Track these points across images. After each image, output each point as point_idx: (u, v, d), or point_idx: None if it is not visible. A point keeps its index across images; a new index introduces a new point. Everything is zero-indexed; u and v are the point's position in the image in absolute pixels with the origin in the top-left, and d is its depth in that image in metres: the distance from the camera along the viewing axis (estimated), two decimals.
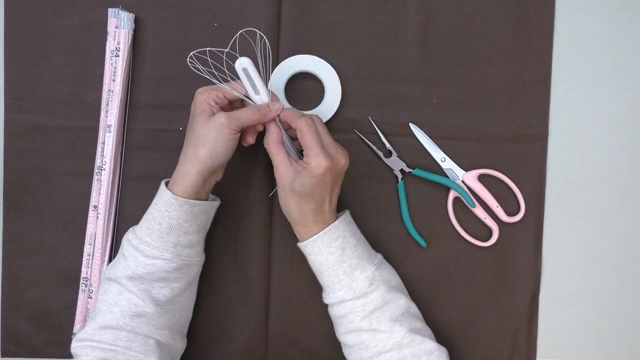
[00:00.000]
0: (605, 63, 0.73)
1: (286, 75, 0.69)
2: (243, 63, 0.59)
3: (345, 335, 0.62)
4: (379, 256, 0.65)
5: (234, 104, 0.63)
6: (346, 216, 0.64)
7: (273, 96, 0.61)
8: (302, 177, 0.58)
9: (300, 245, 0.63)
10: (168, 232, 0.59)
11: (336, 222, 0.62)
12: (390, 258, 0.67)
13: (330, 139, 0.61)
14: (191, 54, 0.61)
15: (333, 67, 0.69)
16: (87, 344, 0.58)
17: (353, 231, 0.64)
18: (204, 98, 0.59)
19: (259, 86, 0.60)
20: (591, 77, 0.73)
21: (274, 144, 0.60)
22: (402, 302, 0.62)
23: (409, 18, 0.70)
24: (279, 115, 0.61)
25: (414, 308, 0.64)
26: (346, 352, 0.64)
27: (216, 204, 0.64)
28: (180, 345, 0.64)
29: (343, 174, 0.61)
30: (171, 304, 0.61)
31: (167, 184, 0.61)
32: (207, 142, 0.58)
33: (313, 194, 0.59)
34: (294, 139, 0.63)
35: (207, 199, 0.62)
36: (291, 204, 0.61)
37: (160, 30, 0.69)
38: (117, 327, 0.58)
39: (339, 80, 0.69)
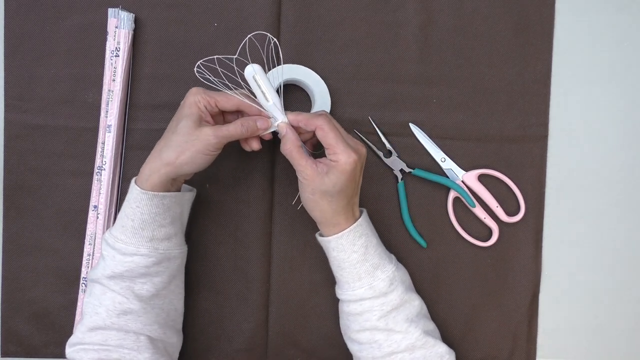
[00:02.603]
0: (605, 63, 0.73)
1: (275, 85, 0.67)
2: (255, 69, 0.57)
3: (359, 333, 0.62)
4: (393, 256, 0.65)
5: (227, 114, 0.62)
6: (366, 214, 0.64)
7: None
8: (332, 176, 0.57)
9: (322, 240, 0.62)
10: (142, 228, 0.58)
11: (360, 219, 0.61)
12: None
13: (344, 132, 0.59)
14: (199, 62, 0.59)
15: (333, 67, 0.69)
16: (80, 347, 0.58)
17: (373, 229, 0.63)
18: (195, 100, 0.58)
19: (268, 94, 0.58)
20: (591, 77, 0.73)
21: (294, 149, 0.58)
22: (417, 302, 0.63)
23: (409, 18, 0.70)
24: (290, 122, 0.59)
25: (425, 308, 0.64)
26: (355, 349, 0.63)
27: (190, 195, 0.63)
28: (175, 340, 0.64)
29: (363, 166, 0.61)
30: (156, 298, 0.61)
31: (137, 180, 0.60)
32: (188, 151, 0.57)
33: (345, 190, 0.58)
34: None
35: (177, 191, 0.61)
36: (323, 205, 0.59)
37: (160, 30, 0.69)
38: (105, 327, 0.58)
39: (328, 92, 0.68)
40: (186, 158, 0.57)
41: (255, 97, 0.59)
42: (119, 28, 0.67)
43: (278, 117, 0.59)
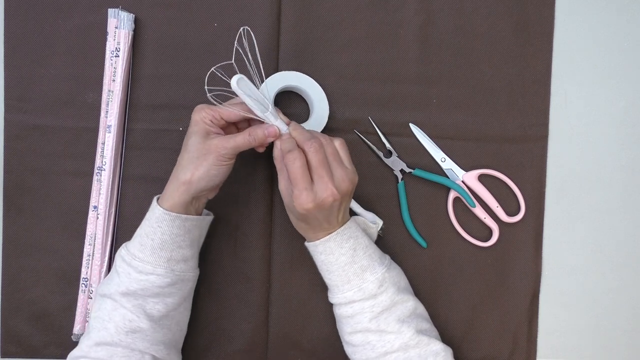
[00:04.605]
0: (605, 63, 0.73)
1: (272, 92, 0.67)
2: (233, 88, 0.56)
3: (352, 335, 0.62)
4: (388, 257, 0.65)
5: (238, 124, 0.62)
6: (357, 218, 0.64)
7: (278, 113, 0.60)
8: (292, 208, 0.58)
9: (309, 244, 0.62)
10: (161, 248, 0.58)
11: (349, 222, 0.61)
12: (391, 258, 0.67)
13: (324, 171, 0.56)
14: (206, 78, 0.57)
15: (333, 67, 0.69)
16: None
17: (363, 234, 0.63)
18: (200, 117, 0.58)
19: (260, 102, 0.58)
20: (591, 77, 0.73)
21: (278, 160, 0.59)
22: (410, 303, 0.62)
23: (409, 18, 0.70)
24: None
25: (420, 308, 0.64)
26: (350, 351, 0.64)
27: (209, 219, 0.64)
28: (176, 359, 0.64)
29: (343, 200, 0.58)
30: (166, 319, 0.60)
31: (158, 199, 0.60)
32: (201, 166, 0.57)
33: (306, 221, 0.59)
34: None
35: (199, 214, 0.62)
36: (292, 220, 0.62)
37: (160, 30, 0.69)
38: (112, 344, 0.58)
39: (326, 99, 0.68)
40: (201, 173, 0.57)
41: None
42: (119, 28, 0.67)
43: (274, 122, 0.59)
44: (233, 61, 0.59)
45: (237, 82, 0.56)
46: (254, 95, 0.58)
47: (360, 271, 0.61)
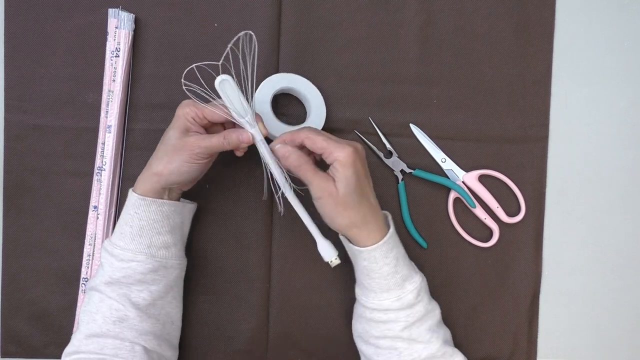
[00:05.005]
0: (605, 63, 0.73)
1: (270, 93, 0.67)
2: (222, 85, 0.56)
3: (379, 339, 0.61)
4: (413, 262, 0.64)
5: (225, 124, 0.62)
6: (392, 221, 0.63)
7: (257, 117, 0.59)
8: (340, 178, 0.56)
9: (353, 248, 0.60)
10: (140, 234, 0.59)
11: (391, 230, 0.60)
12: None
13: (334, 138, 0.58)
14: (184, 73, 0.57)
15: (333, 67, 0.69)
16: (76, 356, 0.58)
17: (398, 237, 0.63)
18: (184, 113, 0.58)
19: (240, 107, 0.57)
20: (591, 77, 0.73)
21: (302, 166, 0.57)
22: (437, 311, 0.63)
23: (409, 18, 0.70)
24: (272, 148, 0.59)
25: (440, 313, 0.64)
26: (370, 352, 0.63)
27: (190, 206, 0.64)
28: (170, 354, 0.64)
29: (366, 162, 0.59)
30: (153, 308, 0.61)
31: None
32: (174, 161, 0.58)
33: (360, 187, 0.57)
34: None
35: (176, 200, 0.62)
36: (350, 214, 0.57)
37: (160, 30, 0.69)
38: (101, 334, 0.58)
39: (323, 102, 0.68)
40: (172, 167, 0.58)
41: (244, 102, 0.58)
42: (119, 28, 0.67)
43: (250, 129, 0.58)
44: (220, 62, 0.57)
45: (220, 83, 0.56)
46: (235, 99, 0.57)
47: (401, 281, 0.60)
